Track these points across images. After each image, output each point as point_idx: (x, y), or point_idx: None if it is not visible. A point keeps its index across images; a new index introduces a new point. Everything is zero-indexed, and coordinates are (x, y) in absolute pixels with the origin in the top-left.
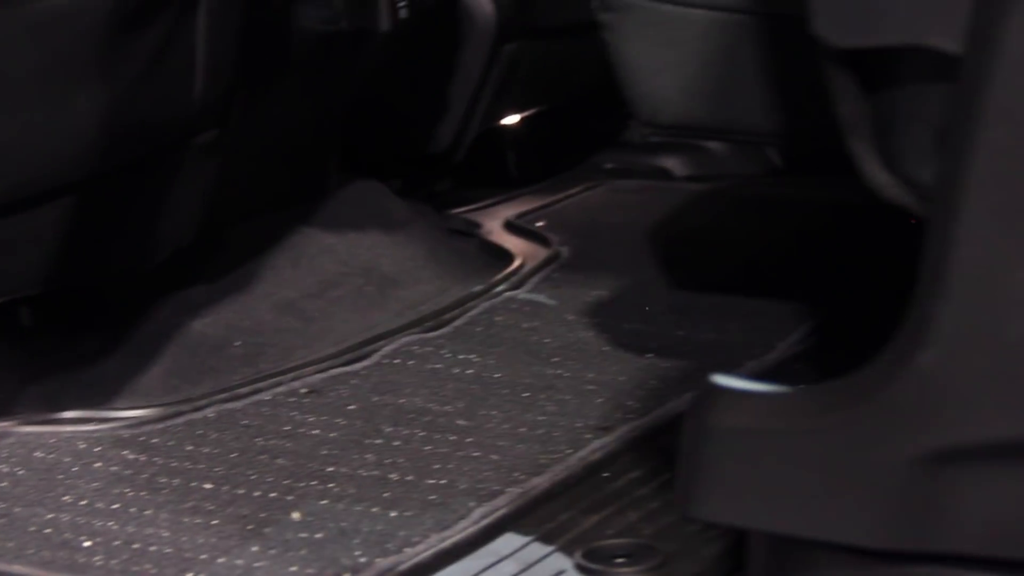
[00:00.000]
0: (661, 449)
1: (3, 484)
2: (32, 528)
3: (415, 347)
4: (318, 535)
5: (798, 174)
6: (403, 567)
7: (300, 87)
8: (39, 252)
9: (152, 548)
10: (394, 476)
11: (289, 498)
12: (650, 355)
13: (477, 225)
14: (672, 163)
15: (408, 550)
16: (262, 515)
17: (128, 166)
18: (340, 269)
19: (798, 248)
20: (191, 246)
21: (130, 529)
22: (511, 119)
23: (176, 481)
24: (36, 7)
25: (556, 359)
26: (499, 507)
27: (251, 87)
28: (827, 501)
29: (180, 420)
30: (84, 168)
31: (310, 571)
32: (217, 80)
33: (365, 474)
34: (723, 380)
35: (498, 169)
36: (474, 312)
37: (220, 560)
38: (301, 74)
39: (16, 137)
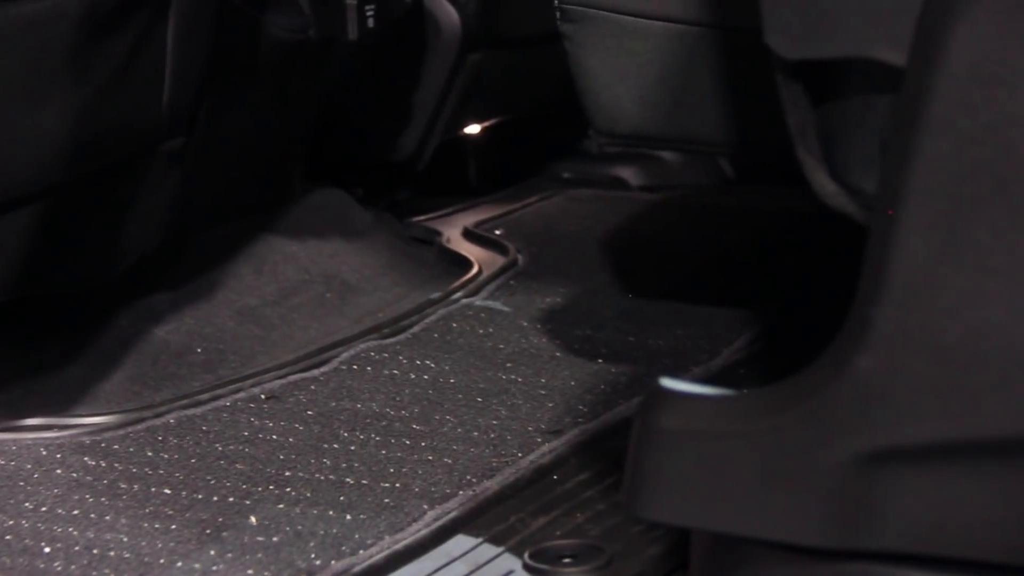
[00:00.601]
0: (609, 452)
1: None
2: None
3: (373, 353)
4: (275, 538)
5: (749, 184)
6: (357, 569)
7: (267, 95)
8: (3, 260)
9: (111, 553)
10: (350, 480)
11: (247, 502)
12: (600, 360)
13: (437, 233)
14: (627, 173)
15: (362, 552)
16: (220, 519)
17: (95, 173)
18: (301, 276)
19: (747, 256)
20: (154, 253)
21: (90, 535)
22: (472, 129)
23: (136, 487)
24: (6, 13)
25: (510, 364)
26: (451, 509)
27: (218, 95)
28: (768, 501)
29: (141, 426)
30: (52, 176)
31: (266, 574)
32: (185, 87)
33: (322, 478)
34: (669, 383)
35: (458, 178)
36: (431, 319)
37: (178, 564)
38: (268, 82)
39: None
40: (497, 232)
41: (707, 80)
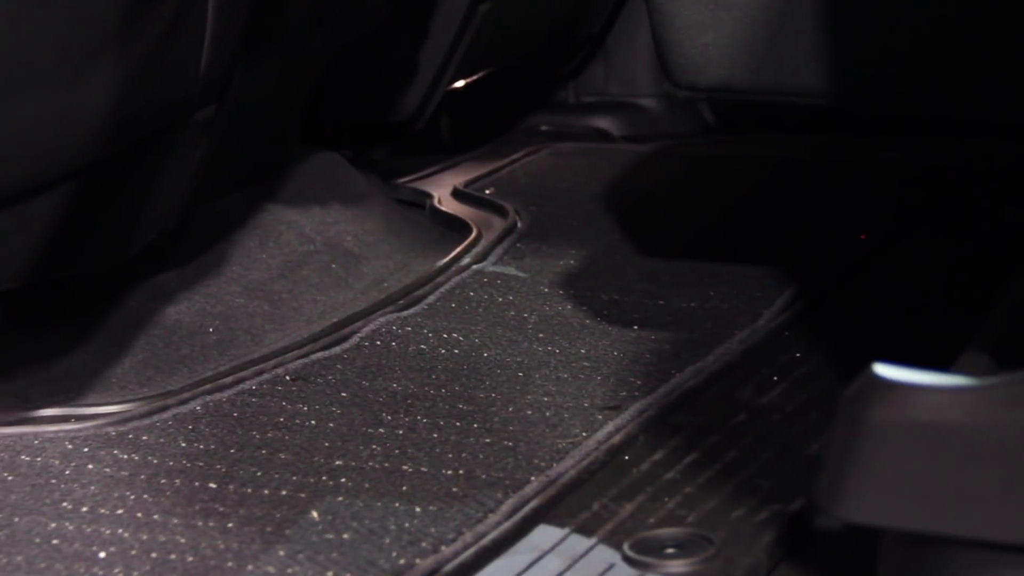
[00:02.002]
0: (677, 429)
1: None
2: (38, 539)
3: (394, 327)
4: (344, 535)
5: (733, 132)
6: (448, 568)
7: (286, 54)
8: (29, 243)
9: (172, 556)
10: (407, 468)
11: (302, 495)
12: (636, 328)
13: (427, 195)
14: (608, 123)
15: (445, 548)
16: (278, 515)
17: (128, 147)
18: (306, 247)
19: (755, 208)
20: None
21: (143, 536)
22: (456, 83)
23: (178, 481)
24: None
25: (542, 335)
26: (528, 497)
27: (245, 56)
28: (1011, 501)
29: (167, 415)
30: (89, 153)
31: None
32: (223, 52)
33: (376, 467)
34: (886, 371)
35: (433, 135)
36: (445, 288)
37: (248, 567)
38: (291, 40)
39: (31, 121)
40: (488, 192)
41: (809, 25)
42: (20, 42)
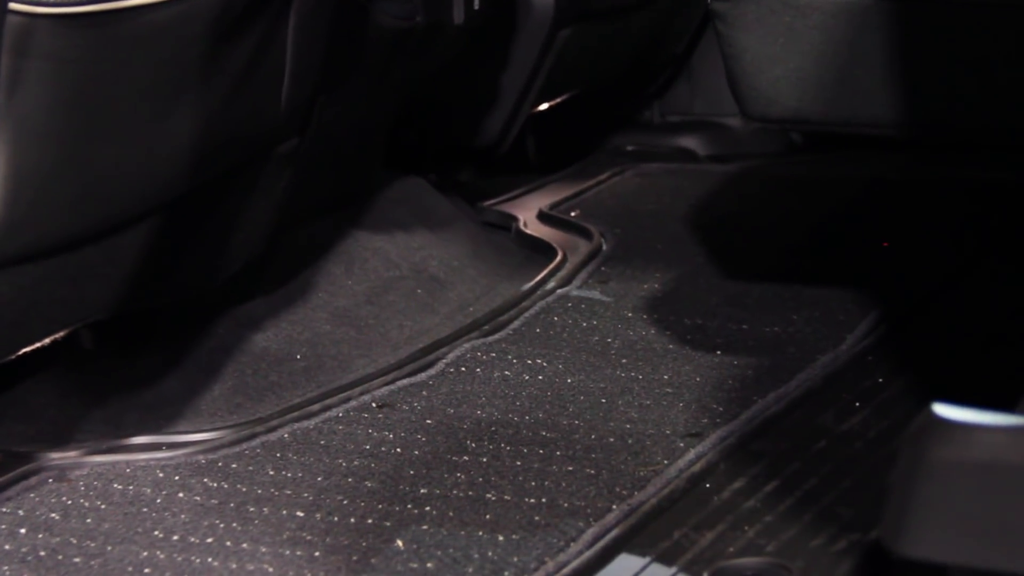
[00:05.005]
0: (758, 456)
1: (88, 520)
2: (130, 568)
3: (479, 353)
4: (429, 564)
5: (819, 152)
6: None
7: (367, 85)
8: (117, 275)
9: None
10: (491, 496)
11: (387, 524)
12: (719, 352)
13: (512, 217)
14: (693, 143)
15: None
16: (364, 544)
17: (212, 180)
18: (391, 273)
19: (840, 228)
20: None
21: (232, 565)
22: (541, 106)
23: (266, 510)
24: (140, 19)
25: (625, 361)
26: (610, 526)
27: (326, 90)
28: None
29: (255, 442)
30: (177, 187)
31: None
32: (303, 86)
33: (460, 495)
34: (946, 411)
35: (518, 157)
36: (529, 313)
37: None
38: (372, 72)
39: (115, 161)
40: (573, 214)
41: (876, 57)
42: (100, 87)
